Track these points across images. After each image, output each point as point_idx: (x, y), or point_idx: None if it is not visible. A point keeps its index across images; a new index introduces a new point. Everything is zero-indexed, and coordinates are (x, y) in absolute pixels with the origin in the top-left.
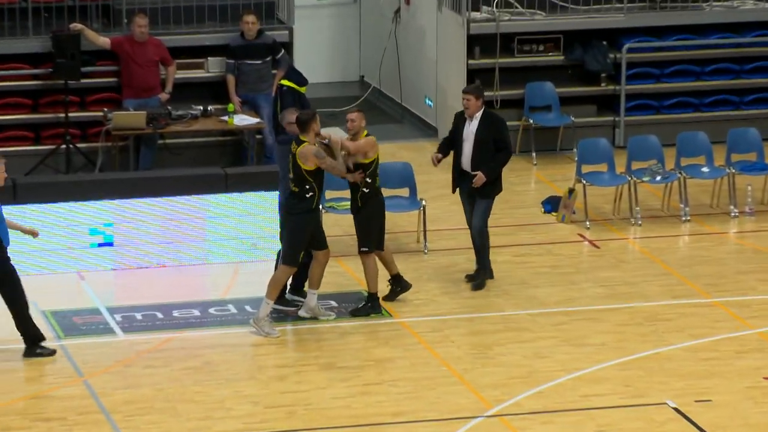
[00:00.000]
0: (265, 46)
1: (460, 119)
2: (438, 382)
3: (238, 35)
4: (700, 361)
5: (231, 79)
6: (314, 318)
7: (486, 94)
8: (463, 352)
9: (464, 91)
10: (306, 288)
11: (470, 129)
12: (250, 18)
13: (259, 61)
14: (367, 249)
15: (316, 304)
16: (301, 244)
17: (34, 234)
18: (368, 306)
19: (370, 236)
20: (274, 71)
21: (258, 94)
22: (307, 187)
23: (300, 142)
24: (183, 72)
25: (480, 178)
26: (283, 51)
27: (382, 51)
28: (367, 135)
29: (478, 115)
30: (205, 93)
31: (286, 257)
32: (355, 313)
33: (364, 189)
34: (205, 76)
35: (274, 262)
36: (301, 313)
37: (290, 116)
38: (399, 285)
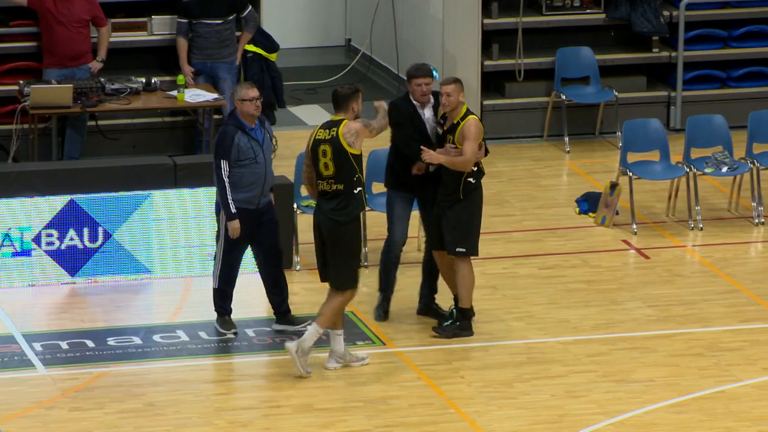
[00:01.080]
0: (227, 2)
1: (408, 107)
2: (444, 428)
3: None
4: None
5: (182, 44)
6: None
7: (506, 62)
8: (476, 390)
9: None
10: (326, 327)
11: (426, 119)
12: None
13: (219, 21)
14: (465, 250)
15: (345, 348)
16: (359, 255)
17: None
18: (457, 326)
19: (471, 235)
20: (238, 33)
21: (217, 63)
22: (356, 179)
23: (335, 123)
24: (120, 35)
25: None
26: (250, 8)
27: (374, 8)
28: (467, 113)
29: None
30: (149, 61)
31: (347, 281)
32: (440, 334)
33: (470, 179)
34: (149, 40)
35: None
36: (330, 365)
37: (246, 91)
38: (464, 315)
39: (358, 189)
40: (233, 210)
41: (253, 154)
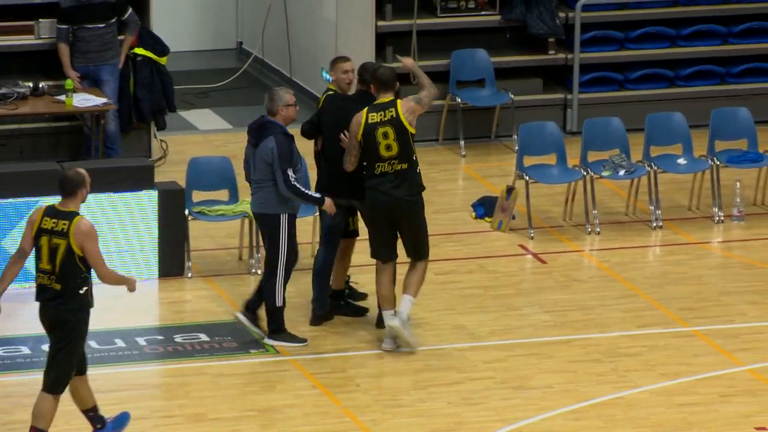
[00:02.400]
0: (107, 6)
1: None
2: None
3: None
4: (675, 407)
5: (64, 49)
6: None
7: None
8: (372, 398)
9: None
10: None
11: None
12: None
13: (101, 25)
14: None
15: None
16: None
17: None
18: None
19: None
20: (121, 36)
21: (101, 66)
22: (415, 157)
23: (389, 105)
24: (7, 38)
25: None
26: (131, 10)
27: (266, 10)
28: None
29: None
30: (34, 66)
31: (428, 249)
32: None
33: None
34: (36, 44)
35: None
36: (386, 346)
37: (290, 96)
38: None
39: (419, 166)
40: (319, 195)
41: (299, 160)
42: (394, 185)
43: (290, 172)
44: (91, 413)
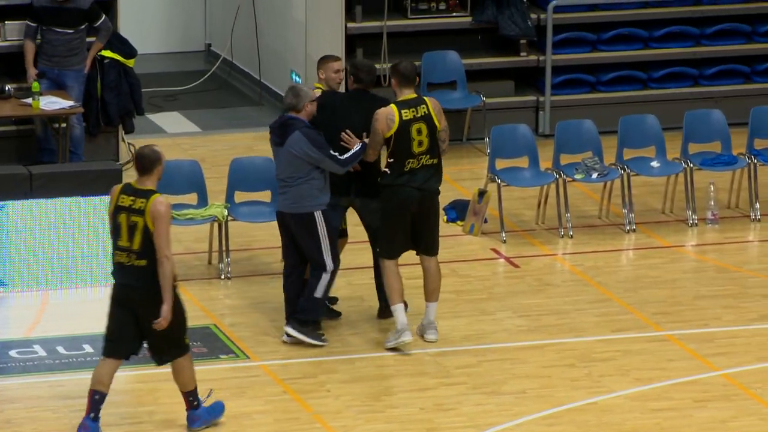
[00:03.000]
0: (80, 12)
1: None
2: None
3: None
4: (650, 412)
5: (30, 47)
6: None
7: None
8: (343, 404)
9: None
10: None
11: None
12: None
13: (70, 30)
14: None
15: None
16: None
17: None
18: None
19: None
20: (91, 39)
21: (65, 70)
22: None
23: (420, 101)
24: None
25: None
26: (104, 17)
27: (235, 12)
28: None
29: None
30: (1, 67)
31: (437, 247)
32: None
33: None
34: (2, 46)
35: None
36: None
37: (314, 91)
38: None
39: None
40: (358, 147)
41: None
42: (425, 179)
43: (332, 152)
44: (191, 397)
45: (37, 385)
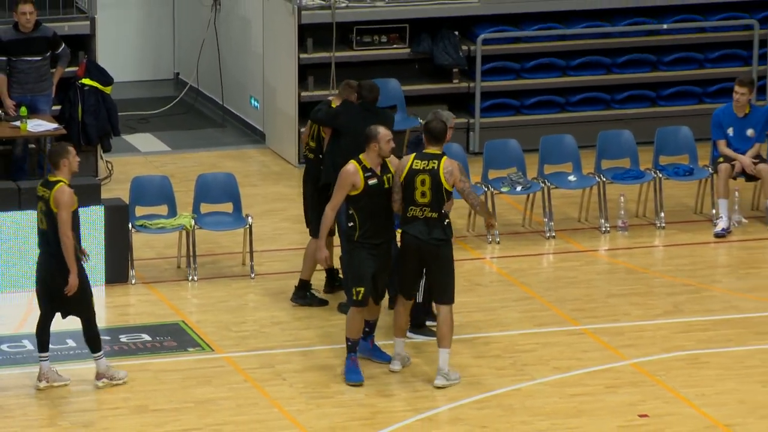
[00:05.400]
0: (45, 40)
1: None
2: (268, 425)
3: (11, 27)
4: (567, 397)
5: (2, 79)
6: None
7: (320, 93)
8: (297, 390)
9: None
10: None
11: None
12: (27, 8)
13: (38, 58)
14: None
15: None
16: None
17: None
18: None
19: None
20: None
21: (37, 95)
22: (445, 211)
23: (430, 156)
24: None
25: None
26: (63, 45)
27: (200, 44)
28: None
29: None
30: None
31: (450, 296)
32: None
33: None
34: None
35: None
36: (395, 367)
37: (451, 118)
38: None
39: (448, 219)
40: None
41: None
42: (422, 230)
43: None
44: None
45: (25, 376)
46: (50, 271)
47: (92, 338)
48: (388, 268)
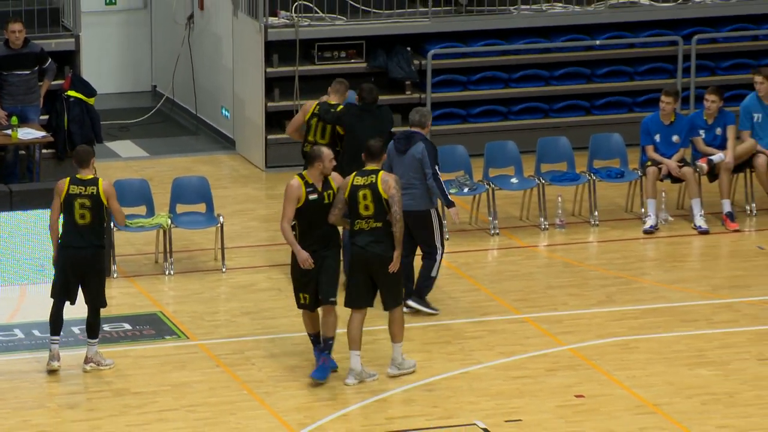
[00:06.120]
0: (33, 56)
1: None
2: (239, 406)
3: (1, 44)
4: (510, 379)
5: None
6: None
7: (285, 103)
8: (265, 374)
9: None
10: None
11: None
12: (17, 26)
13: (27, 72)
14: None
15: (361, 367)
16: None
17: None
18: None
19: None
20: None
21: (26, 106)
22: (389, 219)
23: (372, 173)
24: None
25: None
26: (50, 60)
27: (176, 59)
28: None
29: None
30: None
31: (399, 300)
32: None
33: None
34: None
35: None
36: (349, 381)
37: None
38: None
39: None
40: (450, 199)
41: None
42: (369, 241)
43: (437, 169)
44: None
45: (17, 362)
46: (99, 260)
47: (96, 325)
48: (327, 277)
